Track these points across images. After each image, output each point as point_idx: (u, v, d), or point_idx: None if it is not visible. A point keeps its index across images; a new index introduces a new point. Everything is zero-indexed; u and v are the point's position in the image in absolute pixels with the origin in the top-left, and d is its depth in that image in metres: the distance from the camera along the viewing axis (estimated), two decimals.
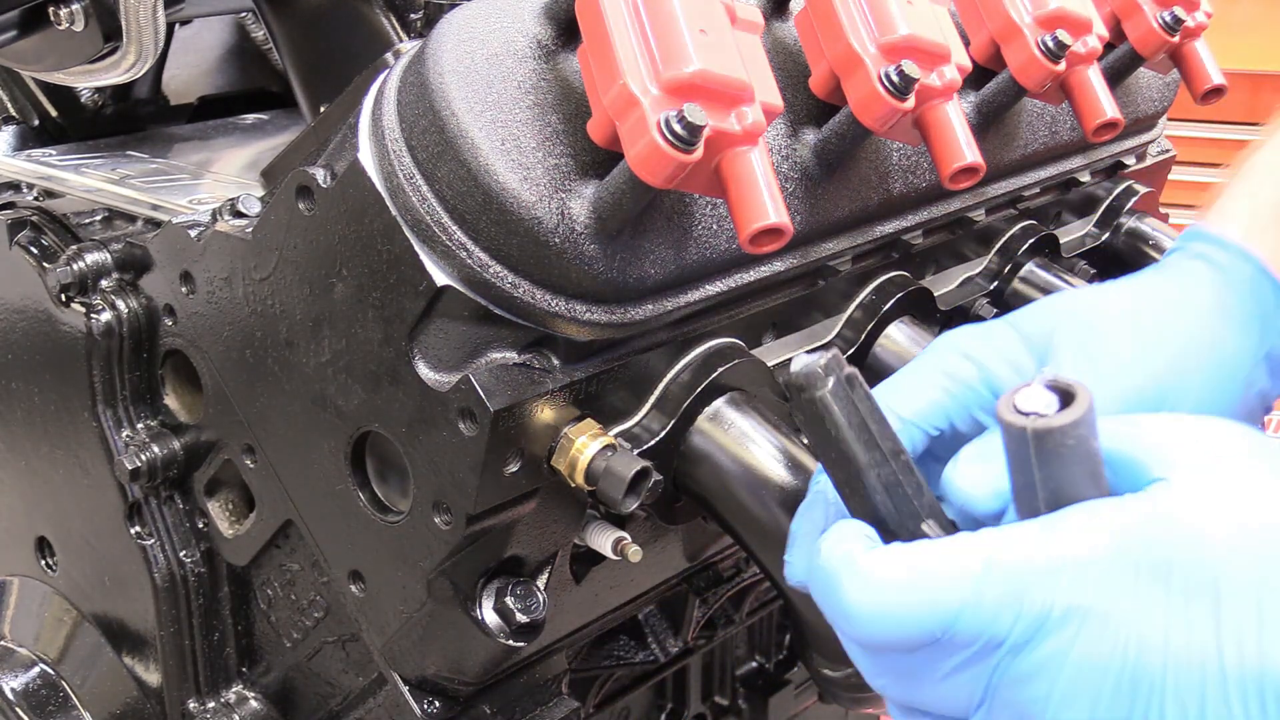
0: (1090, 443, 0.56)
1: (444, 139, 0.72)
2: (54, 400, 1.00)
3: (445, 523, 0.77)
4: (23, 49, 1.07)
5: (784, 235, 0.70)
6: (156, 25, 1.00)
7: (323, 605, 0.94)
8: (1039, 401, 0.55)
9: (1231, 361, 0.71)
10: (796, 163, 0.84)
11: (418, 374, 0.76)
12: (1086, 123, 0.96)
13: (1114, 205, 1.24)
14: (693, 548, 1.02)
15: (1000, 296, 1.10)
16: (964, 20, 0.94)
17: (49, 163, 1.14)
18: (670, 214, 0.77)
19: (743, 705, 1.34)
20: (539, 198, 0.71)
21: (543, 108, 0.74)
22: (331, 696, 0.96)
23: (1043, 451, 0.55)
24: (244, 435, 0.89)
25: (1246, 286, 0.73)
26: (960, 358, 0.71)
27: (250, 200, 0.86)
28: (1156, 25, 1.01)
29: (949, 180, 0.83)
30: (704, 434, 0.83)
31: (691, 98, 0.66)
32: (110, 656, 1.06)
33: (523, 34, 0.76)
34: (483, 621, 0.82)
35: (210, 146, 1.27)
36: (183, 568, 0.98)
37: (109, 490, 0.98)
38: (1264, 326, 0.73)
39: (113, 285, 0.95)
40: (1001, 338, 0.72)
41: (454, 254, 0.73)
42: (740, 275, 0.83)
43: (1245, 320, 0.72)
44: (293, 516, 0.89)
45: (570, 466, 0.76)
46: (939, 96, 0.81)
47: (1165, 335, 0.71)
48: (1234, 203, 0.77)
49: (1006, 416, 0.55)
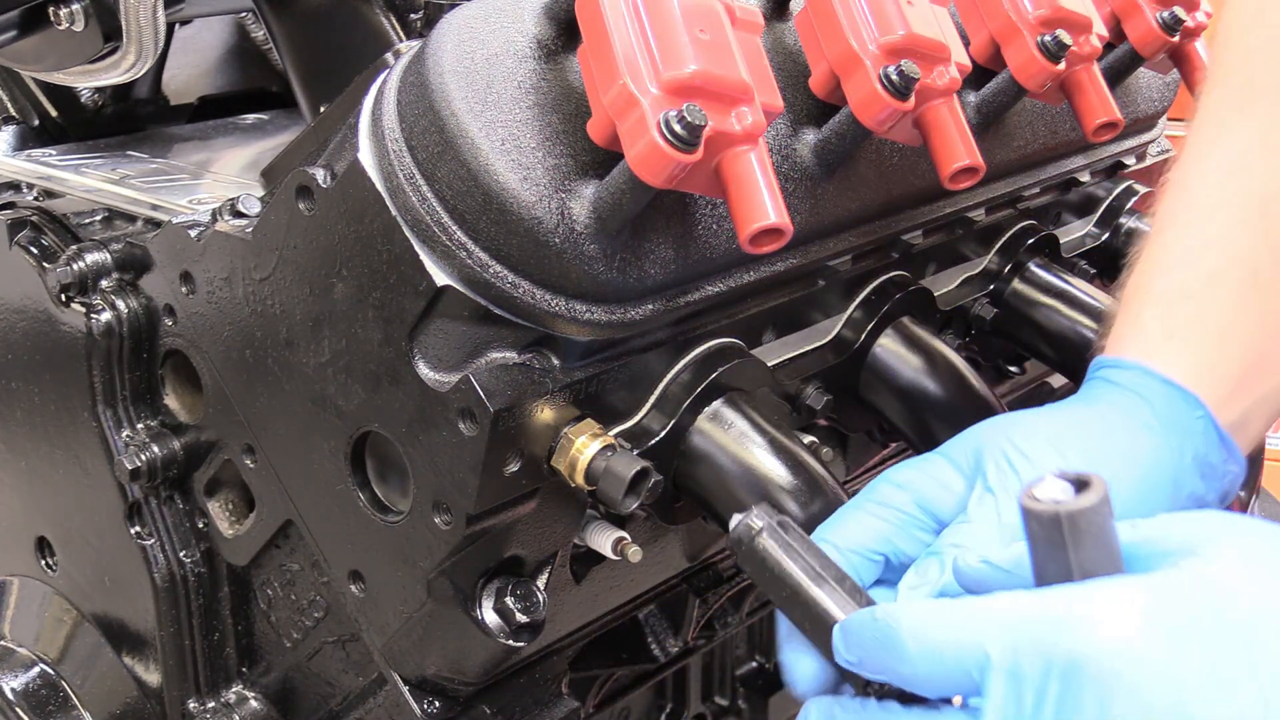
0: (1111, 524, 0.59)
1: (444, 139, 0.72)
2: (54, 400, 1.00)
3: (445, 523, 0.77)
4: (23, 49, 1.07)
5: (784, 235, 0.70)
6: (156, 25, 1.00)
7: (323, 605, 0.94)
8: (1056, 491, 0.59)
9: (1154, 469, 0.73)
10: (796, 163, 0.84)
11: (418, 374, 0.76)
12: (1086, 123, 0.96)
13: (1114, 205, 1.24)
14: (693, 548, 1.02)
15: (1000, 296, 1.10)
16: (964, 20, 0.94)
17: (49, 163, 1.14)
18: (670, 214, 0.77)
19: (742, 705, 1.34)
20: (539, 198, 0.71)
21: (543, 108, 0.74)
22: (331, 696, 0.96)
23: (1075, 532, 0.58)
24: (244, 435, 0.89)
25: (1159, 399, 0.75)
26: (892, 487, 0.75)
27: (250, 200, 0.86)
28: (1156, 25, 1.01)
29: (949, 180, 0.83)
30: (704, 434, 0.83)
31: (691, 98, 0.66)
32: (110, 656, 1.06)
33: (523, 34, 0.76)
34: (483, 621, 0.82)
35: (210, 146, 1.27)
36: (183, 568, 0.98)
37: (109, 490, 0.98)
38: (1183, 433, 0.75)
39: (113, 285, 0.95)
40: (932, 464, 0.76)
41: (454, 254, 0.73)
42: (740, 275, 0.83)
43: (1163, 430, 0.74)
44: (293, 516, 0.89)
45: (570, 466, 0.76)
46: (939, 96, 0.81)
47: (1086, 446, 0.73)
48: (1127, 327, 0.79)
49: (1031, 505, 0.58)
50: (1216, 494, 0.76)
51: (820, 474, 0.83)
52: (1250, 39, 0.82)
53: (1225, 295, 0.77)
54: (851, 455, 1.05)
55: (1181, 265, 0.79)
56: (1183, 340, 0.77)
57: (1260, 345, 0.77)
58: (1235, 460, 0.77)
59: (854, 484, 1.14)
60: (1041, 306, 1.09)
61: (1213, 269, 0.78)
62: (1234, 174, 0.79)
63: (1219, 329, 0.77)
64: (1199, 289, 0.78)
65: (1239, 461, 0.77)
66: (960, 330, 1.09)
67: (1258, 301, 0.77)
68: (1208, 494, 0.75)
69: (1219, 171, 0.79)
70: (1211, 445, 0.76)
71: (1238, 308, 0.77)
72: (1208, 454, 0.75)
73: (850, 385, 0.97)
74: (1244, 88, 0.80)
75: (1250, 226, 0.78)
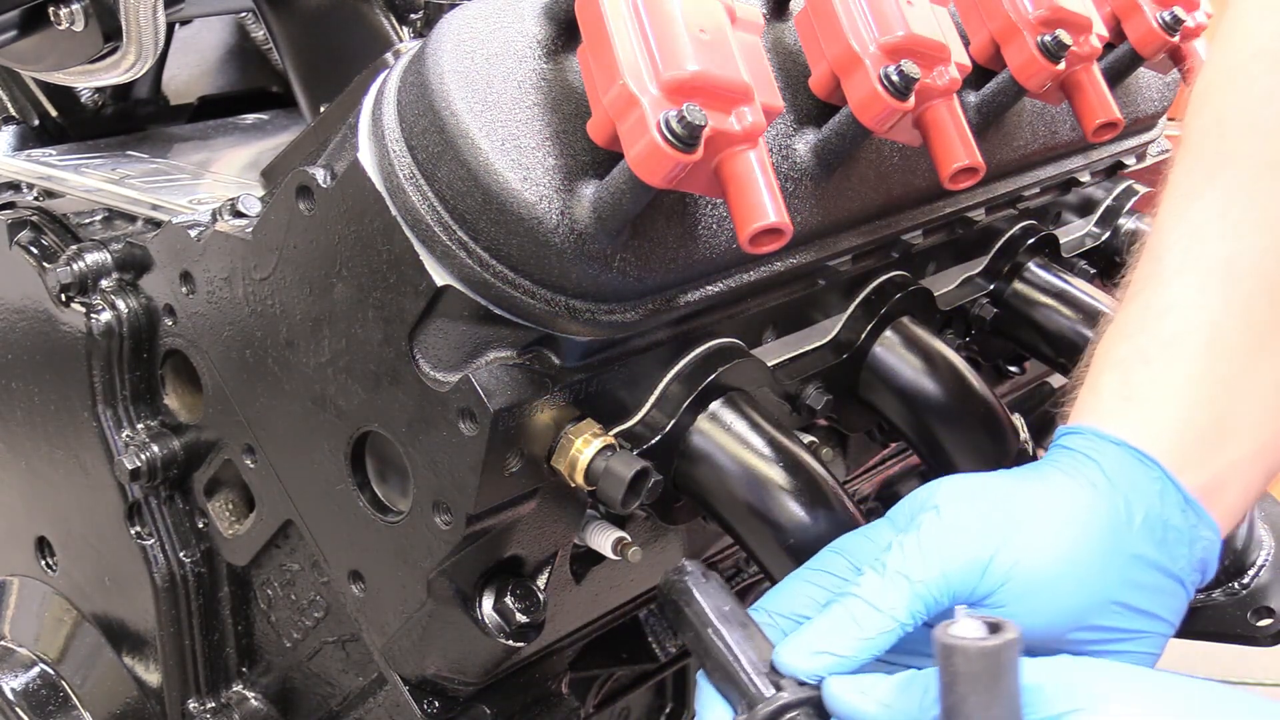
0: (1016, 668, 0.62)
1: (444, 139, 0.72)
2: (54, 400, 1.00)
3: (445, 523, 0.77)
4: (23, 49, 1.07)
5: (784, 235, 0.70)
6: (156, 25, 1.00)
7: (323, 605, 0.94)
8: (970, 630, 0.62)
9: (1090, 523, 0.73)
10: (796, 163, 0.84)
11: (418, 374, 0.76)
12: (1086, 123, 0.96)
13: (1114, 205, 1.24)
14: (693, 548, 1.02)
15: (1000, 296, 1.10)
16: (964, 20, 0.94)
17: (49, 163, 1.14)
18: (670, 214, 0.77)
19: None
20: (539, 198, 0.71)
21: (543, 108, 0.74)
22: (331, 696, 0.96)
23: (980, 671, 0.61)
24: (244, 435, 0.89)
25: (1110, 459, 0.75)
26: (832, 554, 0.76)
27: (250, 200, 0.86)
28: (1156, 25, 1.01)
29: (949, 180, 0.83)
30: (704, 434, 0.83)
31: (691, 98, 0.66)
32: (110, 656, 1.06)
33: (523, 34, 0.76)
34: (483, 622, 0.82)
35: (210, 146, 1.27)
36: (183, 568, 0.98)
37: (109, 490, 0.98)
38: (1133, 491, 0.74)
39: (113, 285, 0.95)
40: (874, 528, 0.77)
41: (454, 254, 0.73)
42: (740, 275, 0.83)
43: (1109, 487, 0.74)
44: (293, 516, 0.89)
45: (570, 466, 0.76)
46: (939, 96, 0.81)
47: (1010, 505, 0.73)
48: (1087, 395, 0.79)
49: (946, 640, 0.61)
50: (1187, 562, 0.75)
51: (820, 474, 0.83)
52: (1223, 104, 0.80)
53: (1185, 358, 0.76)
54: (851, 455, 1.05)
55: (1141, 331, 0.78)
56: (1139, 403, 0.76)
57: (1225, 407, 0.76)
58: (1207, 526, 0.75)
59: (854, 484, 1.14)
60: (1041, 306, 1.09)
61: (1173, 333, 0.77)
62: (1198, 241, 0.78)
63: (1177, 391, 0.76)
64: (1158, 353, 0.77)
65: (1211, 527, 0.75)
66: (960, 330, 1.09)
67: (1221, 364, 0.76)
68: (1171, 562, 0.74)
69: (1185, 239, 0.78)
70: (1171, 507, 0.74)
71: (1198, 370, 0.76)
72: (1166, 516, 0.74)
73: (850, 385, 0.97)
74: (1214, 156, 0.79)
75: (1211, 291, 0.76)
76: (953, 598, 0.70)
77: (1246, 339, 0.76)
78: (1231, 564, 1.19)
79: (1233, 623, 1.19)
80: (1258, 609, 1.19)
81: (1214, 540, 0.76)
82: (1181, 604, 0.76)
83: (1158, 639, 0.75)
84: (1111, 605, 0.72)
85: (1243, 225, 0.77)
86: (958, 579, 0.71)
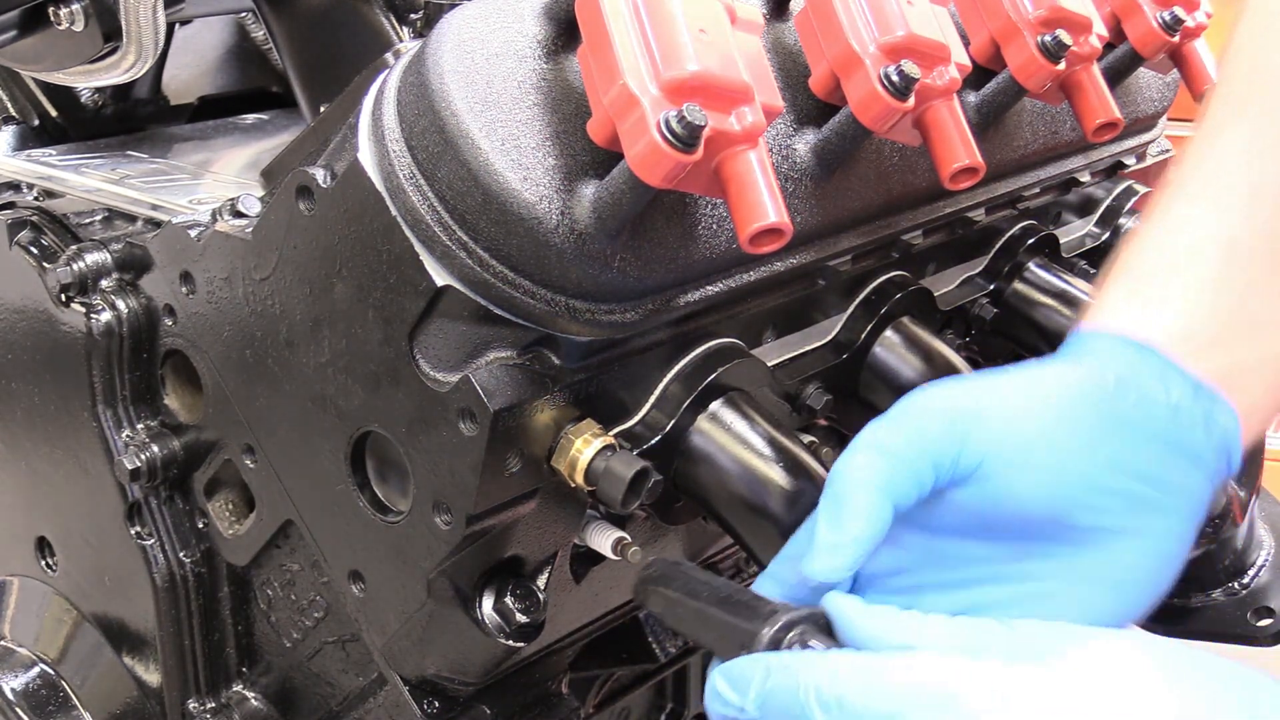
0: None
1: (444, 139, 0.72)
2: (54, 400, 1.00)
3: (445, 523, 0.77)
4: (23, 49, 1.07)
5: (784, 235, 0.70)
6: (156, 25, 1.00)
7: (323, 605, 0.94)
8: None
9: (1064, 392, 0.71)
10: (796, 163, 0.84)
11: (418, 374, 0.76)
12: (1086, 123, 0.96)
13: (1114, 205, 1.24)
14: (693, 548, 1.02)
15: (1000, 296, 1.10)
16: (964, 20, 0.94)
17: (49, 163, 1.14)
18: (670, 214, 0.77)
19: None
20: (539, 198, 0.71)
21: (543, 108, 0.74)
22: (331, 696, 0.96)
23: None
24: (244, 435, 0.89)
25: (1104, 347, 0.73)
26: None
27: (250, 200, 0.86)
28: (1156, 25, 1.01)
29: (949, 180, 0.83)
30: (704, 434, 0.83)
31: (691, 98, 0.66)
32: (110, 656, 1.06)
33: (523, 34, 0.76)
34: (483, 622, 0.82)
35: (210, 146, 1.26)
36: (182, 568, 0.98)
37: (109, 490, 0.98)
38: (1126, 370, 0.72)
39: (113, 285, 0.95)
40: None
41: (454, 254, 0.73)
42: (740, 275, 0.83)
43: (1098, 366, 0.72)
44: (293, 516, 0.89)
45: (570, 466, 0.76)
46: (939, 96, 0.81)
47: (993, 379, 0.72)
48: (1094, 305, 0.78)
49: None
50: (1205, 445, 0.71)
51: (821, 474, 0.83)
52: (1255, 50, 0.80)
53: (1200, 264, 0.74)
54: None
55: (1155, 244, 0.77)
56: (1143, 301, 0.74)
57: (1242, 306, 0.74)
58: (1223, 411, 0.72)
59: None
60: (1041, 307, 1.09)
61: (1189, 244, 0.75)
62: (1221, 168, 0.77)
63: (1187, 291, 0.74)
64: (1171, 260, 0.75)
65: (1228, 413, 0.72)
66: (960, 330, 1.09)
67: (1239, 271, 0.74)
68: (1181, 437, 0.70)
69: (1207, 167, 0.78)
70: (1177, 388, 0.71)
71: (1213, 274, 0.74)
72: (1172, 397, 0.71)
73: (850, 385, 0.97)
74: (1242, 94, 0.79)
75: (1234, 211, 0.75)
76: (934, 467, 0.68)
77: (1269, 251, 0.75)
78: (1231, 564, 1.19)
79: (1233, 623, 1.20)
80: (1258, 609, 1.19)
81: (1233, 426, 0.73)
82: (1199, 484, 0.72)
83: (1178, 515, 0.71)
84: (1115, 473, 0.69)
85: (1269, 154, 0.76)
86: (935, 446, 0.68)
